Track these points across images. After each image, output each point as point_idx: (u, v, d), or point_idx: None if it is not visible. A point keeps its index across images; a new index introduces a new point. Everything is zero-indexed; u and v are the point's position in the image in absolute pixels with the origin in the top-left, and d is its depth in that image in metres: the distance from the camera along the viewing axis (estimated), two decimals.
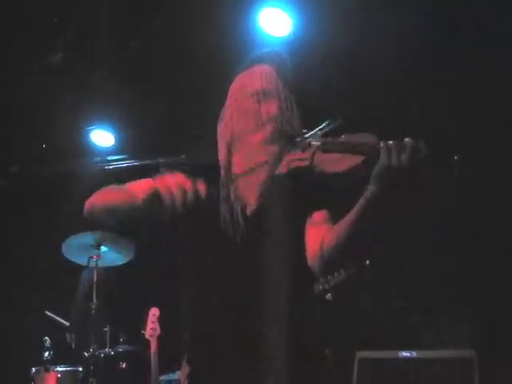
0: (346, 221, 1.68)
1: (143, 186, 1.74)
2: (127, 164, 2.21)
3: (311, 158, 1.67)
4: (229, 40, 3.93)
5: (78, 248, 4.49)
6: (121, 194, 1.83)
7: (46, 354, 4.26)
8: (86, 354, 4.21)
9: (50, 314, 4.55)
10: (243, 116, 1.92)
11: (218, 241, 1.84)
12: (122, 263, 4.66)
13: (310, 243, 1.81)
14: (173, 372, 4.43)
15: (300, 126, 1.87)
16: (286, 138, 1.81)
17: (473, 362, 3.57)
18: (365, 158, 1.57)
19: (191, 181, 1.69)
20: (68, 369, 4.30)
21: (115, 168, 2.26)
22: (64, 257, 4.54)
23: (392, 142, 1.52)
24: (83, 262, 4.50)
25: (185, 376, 1.88)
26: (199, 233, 1.90)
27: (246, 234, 1.82)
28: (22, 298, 5.06)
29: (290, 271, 1.77)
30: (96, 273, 4.55)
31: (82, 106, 4.72)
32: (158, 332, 4.39)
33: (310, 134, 1.70)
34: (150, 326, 4.40)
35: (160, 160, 1.92)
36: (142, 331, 4.42)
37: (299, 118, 1.93)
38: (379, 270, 4.17)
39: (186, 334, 1.92)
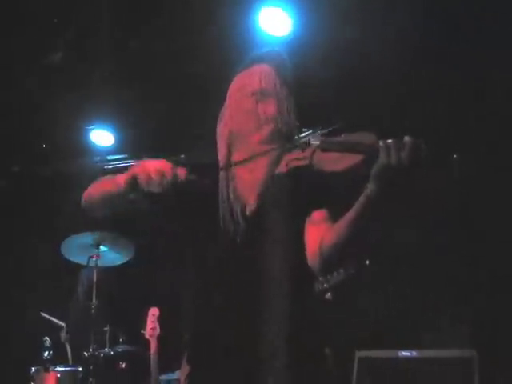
0: (346, 220, 1.68)
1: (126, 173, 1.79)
2: (127, 164, 2.21)
3: (310, 158, 1.67)
4: (229, 40, 3.93)
5: (78, 248, 4.48)
6: (110, 183, 1.86)
7: (46, 353, 4.25)
8: (86, 353, 4.21)
9: (45, 314, 4.55)
10: (242, 116, 1.92)
11: (217, 240, 1.85)
12: (122, 263, 4.66)
13: (309, 242, 1.82)
14: (172, 372, 4.43)
15: (299, 126, 1.87)
16: (286, 138, 1.81)
17: (473, 362, 3.56)
18: (364, 157, 1.57)
19: (172, 166, 1.71)
20: (67, 369, 4.29)
21: (115, 167, 2.26)
22: (63, 256, 4.54)
23: (391, 141, 1.52)
24: (83, 262, 4.50)
25: (185, 376, 1.88)
26: (199, 232, 1.90)
27: (246, 234, 1.83)
28: (21, 297, 5.06)
29: (290, 270, 1.78)
30: (90, 273, 4.55)
31: (82, 106, 4.72)
32: (158, 332, 4.38)
33: (310, 133, 1.70)
34: (149, 326, 4.40)
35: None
36: (142, 331, 4.42)
37: (298, 117, 1.93)
38: (379, 270, 4.16)
39: (186, 334, 1.92)
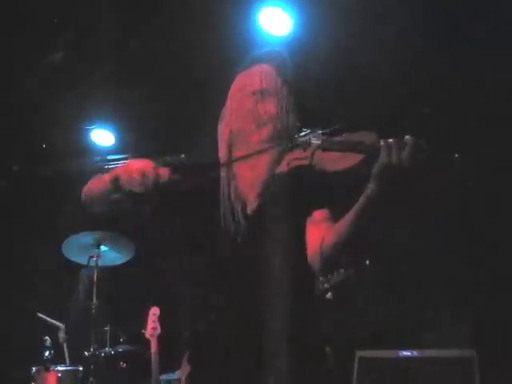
0: (347, 219, 1.68)
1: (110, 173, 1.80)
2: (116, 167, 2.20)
3: (311, 157, 1.67)
4: (229, 40, 3.93)
5: (78, 247, 4.48)
6: (100, 181, 1.86)
7: (47, 353, 4.25)
8: (87, 353, 4.21)
9: (41, 315, 4.54)
10: (243, 116, 1.92)
11: (218, 239, 1.85)
12: (122, 263, 4.66)
13: (310, 242, 1.82)
14: (173, 371, 4.43)
15: (300, 126, 1.87)
16: (286, 138, 1.81)
17: (473, 362, 3.56)
18: (365, 157, 1.57)
19: (154, 166, 1.71)
20: (68, 368, 4.30)
21: (115, 167, 2.26)
22: (64, 256, 4.54)
23: (392, 140, 1.52)
24: (83, 262, 4.49)
25: (185, 375, 1.88)
26: (199, 231, 1.90)
27: (247, 233, 1.83)
28: (22, 297, 5.06)
29: (291, 270, 1.78)
30: (90, 272, 4.54)
31: (82, 106, 4.72)
32: (159, 331, 4.38)
33: (310, 133, 1.70)
34: (150, 326, 4.40)
35: (160, 159, 1.92)
36: (143, 331, 4.42)
37: (299, 117, 1.93)
38: (379, 270, 4.16)
39: (185, 332, 1.92)
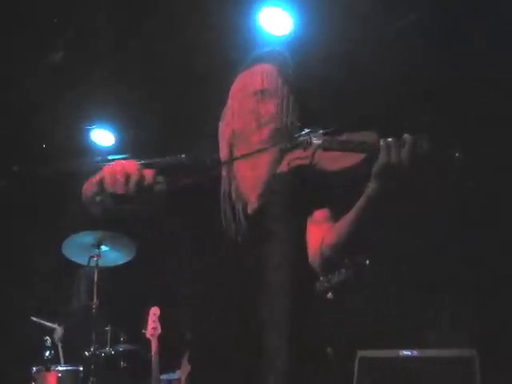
0: (347, 219, 1.68)
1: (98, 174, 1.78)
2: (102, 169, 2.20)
3: (312, 157, 1.67)
4: (229, 39, 3.93)
5: (79, 247, 4.48)
6: (91, 182, 1.83)
7: (47, 353, 4.26)
8: (87, 353, 4.21)
9: (35, 318, 4.54)
10: (244, 115, 1.92)
11: (218, 239, 1.85)
12: (123, 262, 4.65)
13: (310, 241, 1.82)
14: (173, 371, 4.43)
15: (300, 125, 1.87)
16: (287, 137, 1.81)
17: (473, 361, 3.57)
18: (365, 156, 1.57)
19: (138, 168, 1.71)
20: (68, 368, 4.31)
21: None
22: (64, 256, 4.53)
23: (391, 139, 1.52)
24: (84, 262, 4.49)
25: (185, 375, 1.88)
26: (200, 231, 1.90)
27: (248, 233, 1.83)
28: (22, 297, 5.06)
29: (291, 270, 1.77)
30: (91, 272, 4.54)
31: (82, 106, 4.72)
32: (159, 331, 4.39)
33: (311, 132, 1.70)
34: (150, 326, 4.40)
35: (160, 159, 1.92)
36: (143, 331, 4.42)
37: (300, 116, 1.93)
38: (379, 270, 4.16)
39: (186, 333, 1.92)
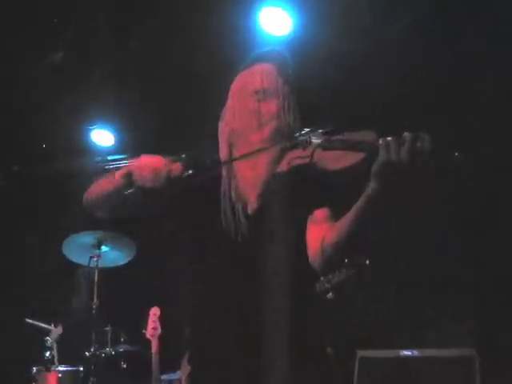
0: (347, 218, 1.67)
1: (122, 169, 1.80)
2: (127, 164, 2.21)
3: (312, 156, 1.67)
4: (229, 39, 3.93)
5: (79, 247, 4.46)
6: (107, 181, 1.87)
7: (47, 353, 4.26)
8: (87, 353, 4.20)
9: (30, 320, 4.53)
10: (244, 115, 1.92)
11: (219, 239, 1.85)
12: (124, 263, 4.64)
13: (311, 241, 1.82)
14: (174, 371, 4.43)
15: (300, 125, 1.87)
16: (287, 137, 1.81)
17: (473, 361, 3.56)
18: (365, 155, 1.57)
19: (166, 162, 1.71)
20: (69, 368, 4.30)
21: (115, 167, 2.26)
22: (65, 256, 4.53)
23: (391, 138, 1.52)
24: (84, 262, 4.47)
25: (186, 375, 1.88)
26: (200, 231, 1.90)
27: (248, 232, 1.83)
28: (22, 297, 5.06)
29: (291, 269, 1.77)
30: (88, 273, 4.53)
31: (82, 106, 4.72)
32: (159, 332, 4.38)
33: (311, 131, 1.70)
34: (150, 326, 4.40)
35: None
36: (143, 331, 4.42)
37: (300, 116, 1.93)
38: (379, 270, 4.16)
39: (186, 332, 1.92)
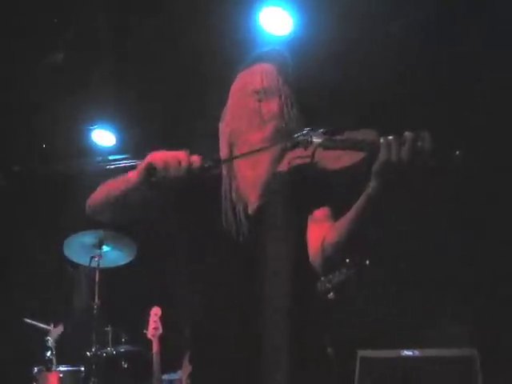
0: (348, 218, 1.67)
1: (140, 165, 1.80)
2: (128, 163, 2.21)
3: (312, 156, 1.67)
4: (229, 39, 3.93)
5: (80, 247, 4.46)
6: (120, 181, 1.86)
7: (48, 353, 4.26)
8: (88, 353, 4.21)
9: (29, 320, 4.53)
10: (244, 115, 1.92)
11: (219, 239, 1.85)
12: (124, 263, 4.63)
13: (311, 240, 1.82)
14: (175, 371, 4.43)
15: (301, 124, 1.87)
16: (287, 136, 1.81)
17: (474, 361, 3.56)
18: (366, 155, 1.56)
19: (187, 154, 1.72)
20: (70, 368, 4.30)
21: (117, 167, 2.26)
22: (66, 257, 4.52)
23: (392, 137, 1.52)
24: (85, 262, 4.47)
25: (186, 375, 1.88)
26: (201, 231, 1.90)
27: (248, 232, 1.83)
28: (23, 297, 5.06)
29: (292, 269, 1.77)
30: (88, 272, 4.53)
31: (83, 106, 4.72)
32: (160, 331, 4.38)
33: (311, 131, 1.70)
34: (151, 326, 4.40)
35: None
36: (144, 331, 4.42)
37: (300, 116, 1.93)
38: (379, 270, 4.16)
39: (186, 332, 1.92)
